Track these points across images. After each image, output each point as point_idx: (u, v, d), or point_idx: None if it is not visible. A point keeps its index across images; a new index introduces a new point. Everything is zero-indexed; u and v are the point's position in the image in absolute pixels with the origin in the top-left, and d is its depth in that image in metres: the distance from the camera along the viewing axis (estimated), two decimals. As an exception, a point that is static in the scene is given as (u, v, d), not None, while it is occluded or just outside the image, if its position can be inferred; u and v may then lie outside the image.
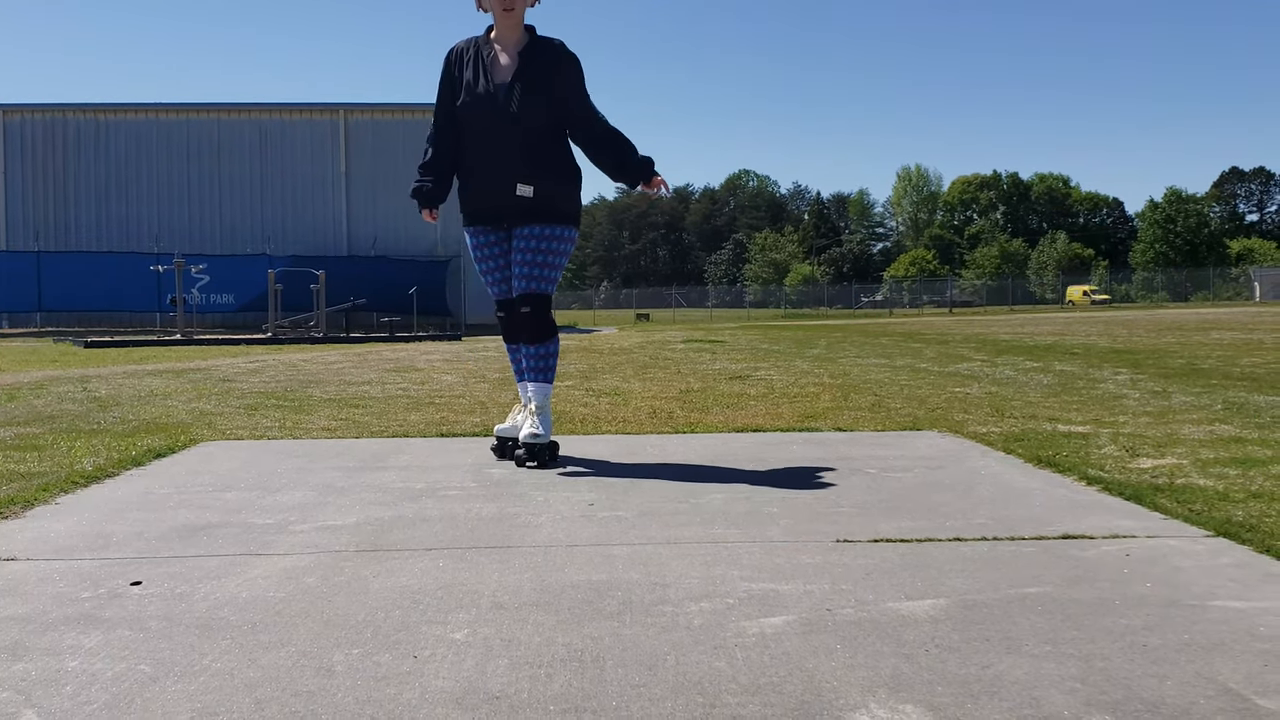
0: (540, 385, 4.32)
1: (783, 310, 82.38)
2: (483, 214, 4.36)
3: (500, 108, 4.18)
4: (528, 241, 4.27)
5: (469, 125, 4.27)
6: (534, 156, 4.22)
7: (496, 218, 4.34)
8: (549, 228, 4.27)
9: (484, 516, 3.23)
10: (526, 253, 4.27)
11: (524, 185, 4.21)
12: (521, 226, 4.28)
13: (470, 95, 4.22)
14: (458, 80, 4.29)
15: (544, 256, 4.28)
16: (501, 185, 4.23)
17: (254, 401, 6.92)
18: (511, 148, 4.20)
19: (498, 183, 4.24)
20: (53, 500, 3.52)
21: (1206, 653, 1.97)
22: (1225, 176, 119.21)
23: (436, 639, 2.08)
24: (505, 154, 4.21)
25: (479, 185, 4.33)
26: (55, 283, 28.23)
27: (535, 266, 4.27)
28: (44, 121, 31.51)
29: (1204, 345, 12.86)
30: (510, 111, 4.17)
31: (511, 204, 4.24)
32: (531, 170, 4.21)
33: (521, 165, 4.21)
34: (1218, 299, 73.56)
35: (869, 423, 5.48)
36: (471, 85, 4.22)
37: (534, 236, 4.27)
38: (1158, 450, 4.40)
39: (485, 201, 4.32)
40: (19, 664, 1.95)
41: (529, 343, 4.32)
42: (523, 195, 4.21)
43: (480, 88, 4.20)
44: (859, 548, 2.79)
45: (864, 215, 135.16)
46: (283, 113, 32.15)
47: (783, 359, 11.31)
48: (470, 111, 4.23)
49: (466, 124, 4.27)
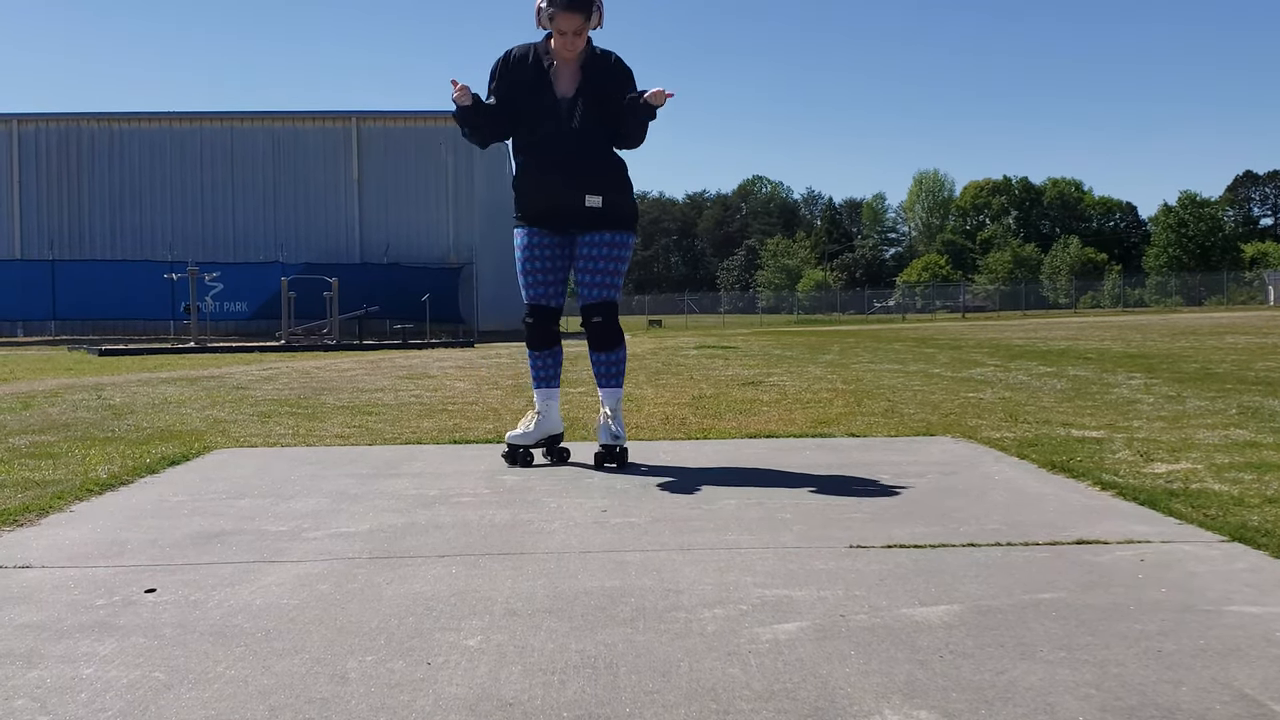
0: (613, 390, 4.42)
1: (795, 316, 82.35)
2: (545, 216, 4.35)
3: (564, 121, 4.21)
4: (597, 249, 4.31)
5: (529, 133, 4.28)
6: (598, 167, 4.29)
7: (560, 224, 4.34)
8: (616, 234, 4.34)
9: (497, 523, 3.23)
10: (597, 260, 4.31)
11: (593, 197, 4.25)
12: (588, 234, 4.31)
13: (532, 105, 4.23)
14: (516, 84, 4.26)
15: (612, 264, 4.34)
16: (568, 194, 4.26)
17: (267, 409, 6.94)
18: (576, 159, 4.24)
19: (564, 193, 4.26)
20: (67, 508, 3.54)
21: (1222, 658, 1.95)
22: (1239, 180, 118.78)
23: (450, 646, 2.08)
24: (570, 165, 4.25)
25: (546, 192, 4.32)
26: (70, 291, 28.33)
27: (605, 275, 4.33)
28: (58, 130, 31.66)
29: (1218, 349, 12.80)
30: (573, 127, 4.21)
31: (581, 212, 4.28)
32: (597, 180, 4.26)
33: (588, 176, 4.25)
34: (1232, 303, 73.19)
35: (882, 428, 5.47)
36: (533, 95, 4.23)
37: (603, 244, 4.31)
38: (1172, 455, 4.38)
39: (550, 206, 4.33)
40: (34, 671, 1.96)
41: (602, 350, 4.39)
42: (592, 206, 4.26)
43: (543, 99, 4.22)
44: (873, 553, 2.78)
45: (876, 220, 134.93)
46: (295, 120, 32.25)
47: (795, 364, 11.29)
48: (532, 122, 4.25)
49: (526, 131, 4.29)
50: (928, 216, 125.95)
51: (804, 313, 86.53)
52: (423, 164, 31.62)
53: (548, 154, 4.27)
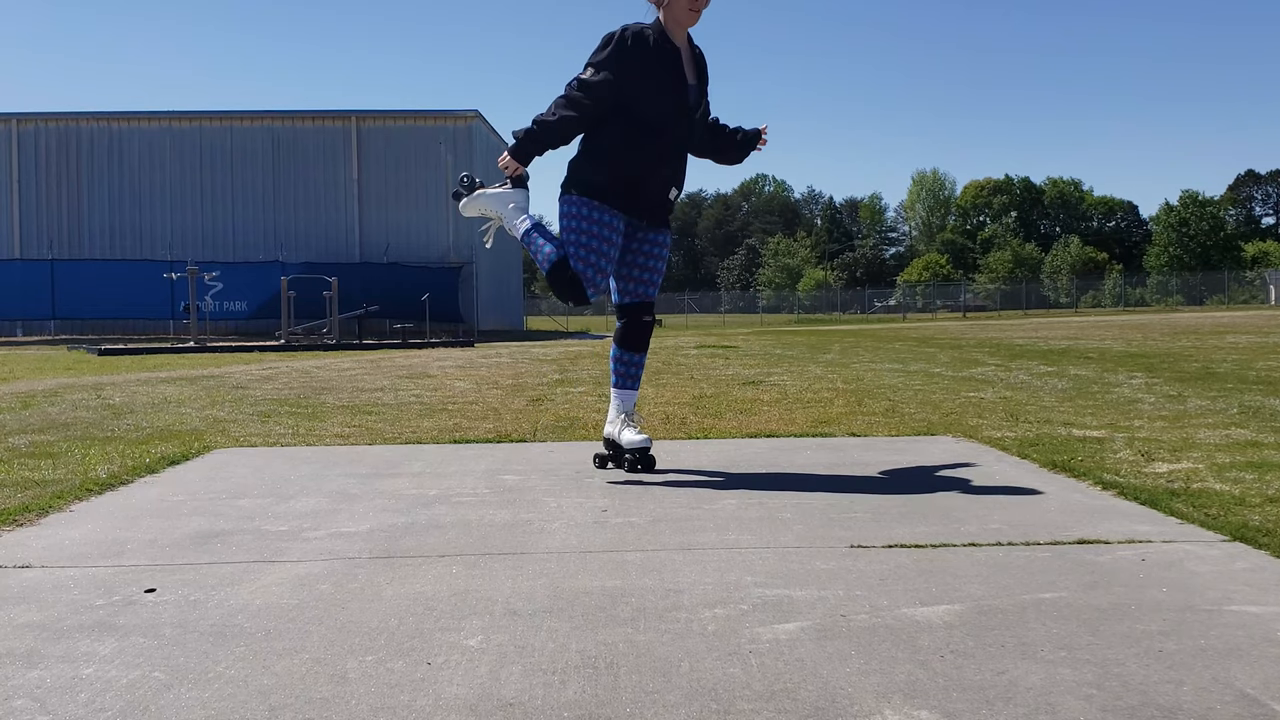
0: (636, 392, 4.30)
1: (796, 315, 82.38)
2: (621, 198, 4.05)
3: (690, 107, 4.09)
4: (660, 249, 4.23)
5: (646, 117, 4.01)
6: (685, 161, 4.22)
7: (650, 215, 4.16)
8: (670, 235, 4.30)
9: (497, 523, 3.23)
10: (659, 260, 4.24)
11: (675, 189, 4.18)
12: (655, 233, 4.20)
13: (660, 91, 4.02)
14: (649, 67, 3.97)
15: (665, 265, 4.30)
16: (661, 184, 4.12)
17: (267, 408, 6.94)
18: (680, 149, 4.14)
19: (659, 181, 4.12)
20: (67, 507, 3.54)
21: (1223, 658, 1.95)
22: (1241, 180, 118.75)
23: (450, 646, 2.08)
24: (674, 154, 4.12)
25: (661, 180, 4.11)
26: (69, 291, 28.31)
27: (660, 274, 4.27)
28: (57, 130, 31.66)
29: (1219, 349, 12.80)
30: (694, 116, 4.12)
31: (661, 204, 4.17)
32: (682, 174, 4.21)
33: (680, 167, 4.18)
34: (1233, 303, 73.23)
35: (883, 428, 5.47)
36: (662, 81, 4.03)
37: (664, 245, 4.25)
38: (1173, 454, 4.38)
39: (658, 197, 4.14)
40: (34, 671, 1.96)
41: (643, 350, 4.26)
42: (672, 199, 4.19)
43: (671, 85, 4.04)
44: (873, 553, 2.78)
45: (876, 220, 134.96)
46: (295, 119, 32.24)
47: (796, 364, 11.29)
48: (656, 108, 4.02)
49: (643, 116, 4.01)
50: (928, 216, 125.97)
51: (804, 312, 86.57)
52: (423, 163, 31.61)
53: (659, 141, 4.05)
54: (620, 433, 4.17)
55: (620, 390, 4.27)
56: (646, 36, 3.98)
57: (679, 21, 4.03)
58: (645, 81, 3.98)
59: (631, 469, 4.12)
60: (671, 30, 4.03)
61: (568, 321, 63.91)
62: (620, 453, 4.18)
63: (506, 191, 4.24)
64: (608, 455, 4.24)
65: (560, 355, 14.26)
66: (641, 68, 3.96)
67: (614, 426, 4.23)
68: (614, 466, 4.20)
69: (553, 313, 70.96)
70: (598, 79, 3.93)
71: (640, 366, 4.29)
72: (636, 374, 4.28)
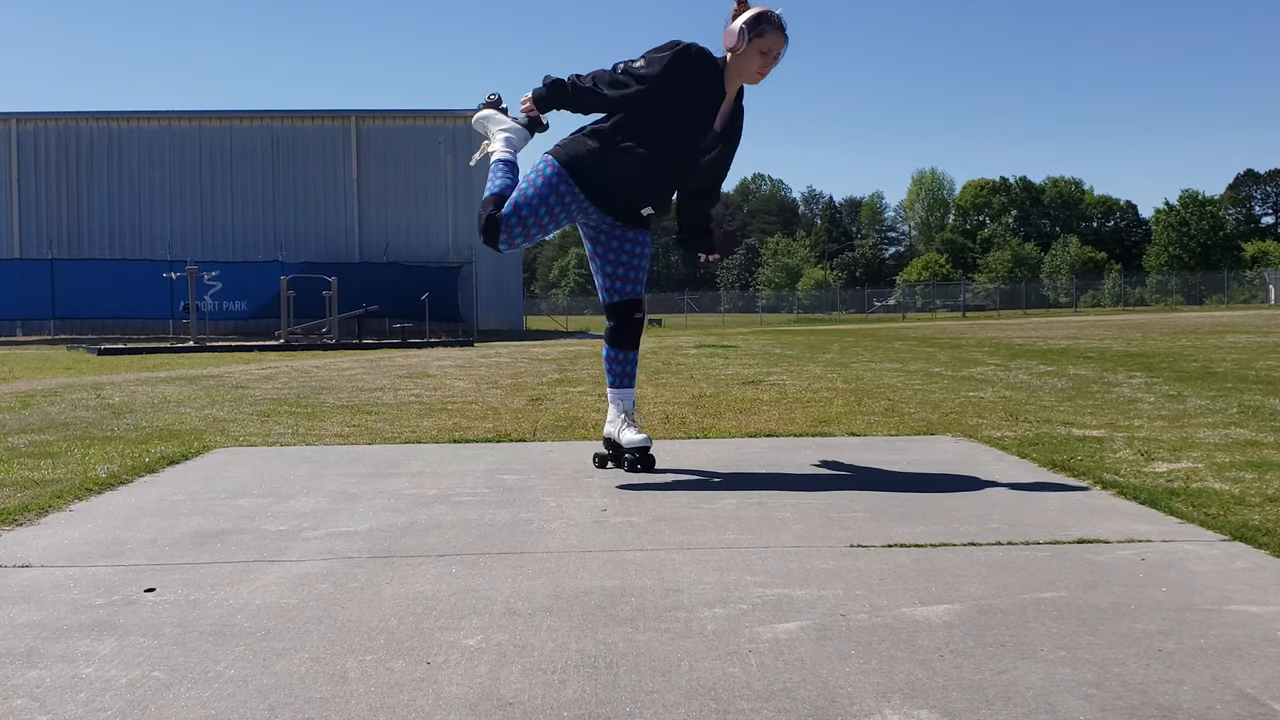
0: (632, 390, 4.30)
1: (795, 315, 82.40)
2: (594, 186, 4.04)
3: (700, 148, 4.05)
4: (641, 247, 4.24)
5: (657, 131, 3.97)
6: (670, 192, 4.24)
7: (609, 206, 4.13)
8: (649, 235, 4.30)
9: (497, 523, 3.23)
10: (642, 259, 4.26)
11: (650, 208, 4.22)
12: (633, 231, 4.21)
13: (684, 116, 3.97)
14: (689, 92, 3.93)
15: (648, 264, 4.32)
16: (635, 197, 4.13)
17: (267, 408, 6.94)
18: (672, 177, 4.13)
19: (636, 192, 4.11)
20: (67, 507, 3.53)
21: (1223, 657, 1.95)
22: (1240, 179, 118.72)
23: (450, 645, 2.08)
24: (664, 179, 4.11)
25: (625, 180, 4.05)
26: (68, 290, 28.28)
27: (644, 272, 4.29)
28: (57, 129, 31.64)
29: (1219, 349, 12.80)
30: (699, 158, 4.08)
31: (633, 211, 4.19)
32: (665, 199, 4.24)
33: (664, 191, 4.19)
34: (1233, 302, 73.20)
35: (882, 427, 5.47)
36: (694, 108, 3.98)
37: (644, 244, 4.26)
38: (1173, 454, 4.38)
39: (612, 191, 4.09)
40: (33, 671, 1.96)
41: (635, 348, 4.27)
42: (644, 214, 4.22)
43: (697, 117, 3.99)
44: (873, 553, 2.78)
45: (876, 219, 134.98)
46: (294, 119, 32.22)
47: (795, 364, 11.29)
48: (672, 128, 3.97)
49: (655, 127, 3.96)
50: (927, 216, 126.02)
51: (804, 312, 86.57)
52: (422, 163, 31.61)
53: (664, 164, 4.03)
54: (620, 432, 4.18)
55: (618, 390, 4.27)
56: (707, 63, 3.95)
57: (741, 75, 4.00)
58: (679, 99, 3.93)
59: (631, 468, 4.12)
60: (729, 77, 4.00)
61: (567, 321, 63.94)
62: (620, 452, 4.18)
63: (512, 124, 4.31)
64: (607, 455, 4.24)
65: (560, 355, 14.26)
66: (684, 85, 3.91)
67: (614, 426, 4.23)
68: (614, 466, 4.20)
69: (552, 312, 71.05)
70: (645, 72, 3.90)
71: (634, 364, 4.30)
72: (632, 371, 4.30)
